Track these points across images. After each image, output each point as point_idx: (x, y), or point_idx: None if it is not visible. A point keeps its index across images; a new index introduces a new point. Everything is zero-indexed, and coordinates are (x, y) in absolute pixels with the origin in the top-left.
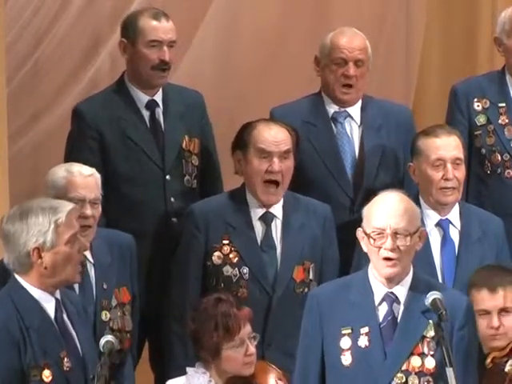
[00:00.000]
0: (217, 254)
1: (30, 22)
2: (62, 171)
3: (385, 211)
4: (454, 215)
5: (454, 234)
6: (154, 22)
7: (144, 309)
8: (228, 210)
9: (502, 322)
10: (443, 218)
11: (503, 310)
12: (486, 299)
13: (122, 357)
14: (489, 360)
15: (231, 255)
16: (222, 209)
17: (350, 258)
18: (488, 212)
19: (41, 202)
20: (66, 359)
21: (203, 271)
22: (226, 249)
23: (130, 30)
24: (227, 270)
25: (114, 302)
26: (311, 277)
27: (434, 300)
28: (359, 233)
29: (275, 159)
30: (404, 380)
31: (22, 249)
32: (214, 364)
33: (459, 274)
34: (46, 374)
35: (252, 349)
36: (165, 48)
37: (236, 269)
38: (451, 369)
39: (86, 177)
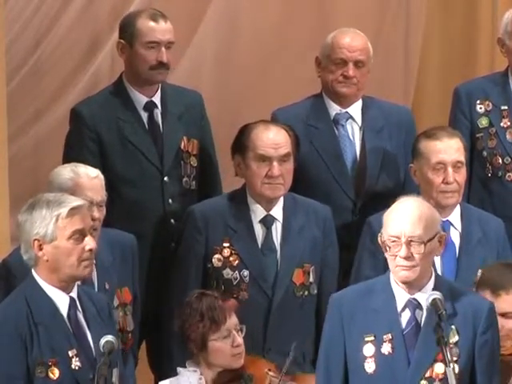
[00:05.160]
0: (217, 256)
1: (30, 22)
2: (67, 172)
3: (400, 219)
4: (454, 217)
5: (455, 236)
6: (152, 23)
7: (142, 310)
8: (228, 213)
9: (502, 324)
10: (444, 219)
11: (505, 315)
12: None
13: (124, 357)
14: None
15: (231, 258)
16: (223, 211)
17: (352, 260)
18: (488, 213)
19: (51, 195)
20: (75, 358)
21: (203, 273)
22: (227, 251)
23: (127, 30)
24: (227, 273)
25: (115, 302)
26: (311, 279)
27: (434, 300)
28: (379, 238)
29: (275, 163)
30: None
31: (27, 239)
32: (202, 358)
33: (460, 276)
34: (54, 372)
35: (239, 339)
36: (163, 49)
37: (236, 272)
38: (451, 369)
39: (92, 178)
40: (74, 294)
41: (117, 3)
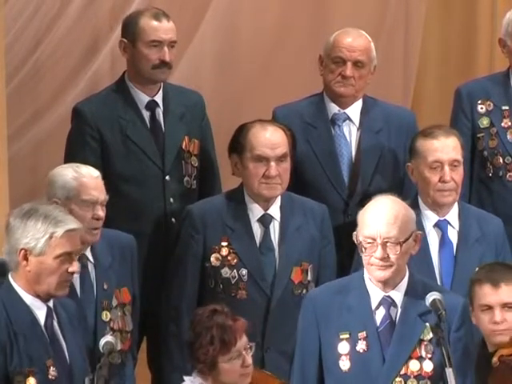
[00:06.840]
0: (215, 255)
1: (29, 22)
2: (70, 172)
3: (375, 220)
4: (452, 216)
5: (453, 235)
6: (155, 22)
7: (141, 309)
8: (226, 212)
9: (504, 316)
10: (441, 218)
11: (506, 305)
12: (488, 294)
13: (123, 357)
14: (495, 358)
15: (229, 257)
16: (220, 210)
17: (344, 260)
18: (488, 212)
19: (50, 209)
20: (52, 368)
21: (201, 272)
22: (225, 251)
23: (130, 29)
24: (226, 272)
25: (114, 303)
26: (309, 278)
27: (434, 300)
28: (355, 237)
29: (272, 163)
30: None
31: (13, 244)
32: (210, 376)
33: (457, 275)
34: (31, 382)
35: (249, 360)
36: (165, 48)
37: (235, 271)
38: (451, 369)
39: (95, 178)
40: (50, 303)
41: (117, 3)
